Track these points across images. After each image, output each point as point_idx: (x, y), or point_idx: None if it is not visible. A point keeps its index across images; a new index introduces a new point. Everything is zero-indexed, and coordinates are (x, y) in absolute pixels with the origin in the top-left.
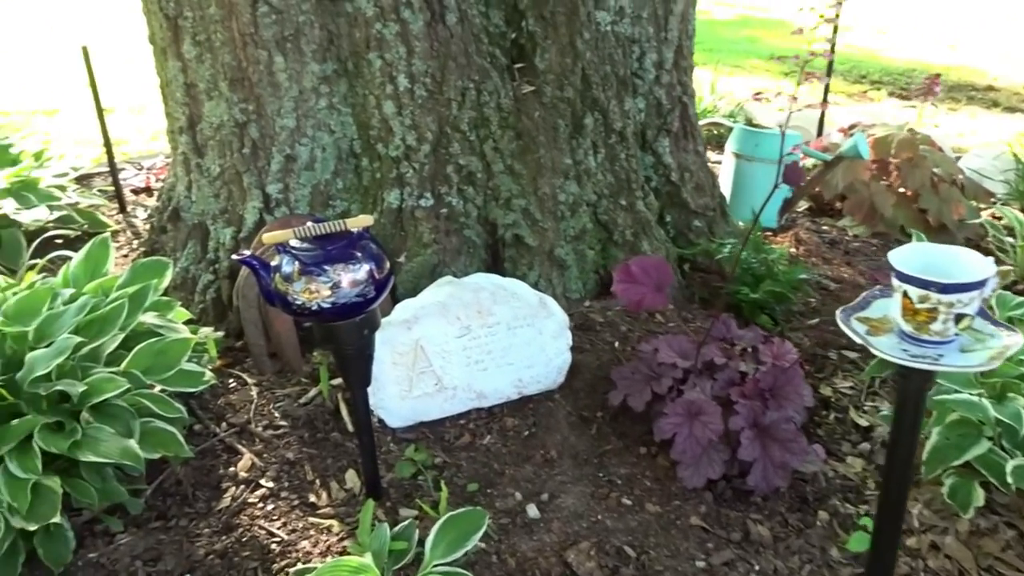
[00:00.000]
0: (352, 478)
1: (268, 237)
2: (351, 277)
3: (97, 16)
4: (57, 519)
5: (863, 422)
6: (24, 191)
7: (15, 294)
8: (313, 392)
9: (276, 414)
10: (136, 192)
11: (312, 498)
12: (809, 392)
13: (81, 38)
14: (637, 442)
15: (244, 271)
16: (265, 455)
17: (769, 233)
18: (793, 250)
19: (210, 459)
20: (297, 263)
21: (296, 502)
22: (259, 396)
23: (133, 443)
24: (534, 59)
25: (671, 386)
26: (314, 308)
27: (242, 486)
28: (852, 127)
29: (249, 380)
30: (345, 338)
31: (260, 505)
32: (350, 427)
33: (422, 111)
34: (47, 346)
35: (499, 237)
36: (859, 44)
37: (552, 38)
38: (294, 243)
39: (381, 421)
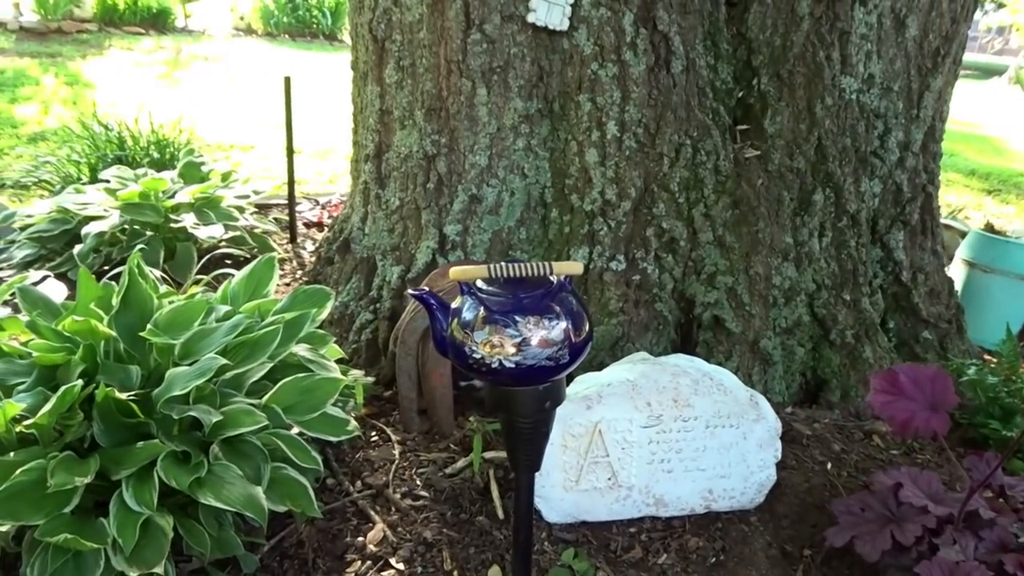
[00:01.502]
0: None
1: (457, 271)
2: (543, 335)
3: (305, 67)
4: (160, 569)
5: None
6: (206, 208)
7: (171, 303)
8: (462, 463)
9: (418, 481)
10: (308, 226)
11: None
12: None
13: (287, 78)
14: None
15: (408, 314)
16: (400, 528)
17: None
18: None
19: (339, 522)
20: (482, 309)
21: None
22: (401, 457)
23: (259, 492)
24: (763, 121)
25: (920, 536)
26: (494, 365)
27: (369, 562)
28: None
29: (393, 436)
30: (522, 408)
31: None
32: (500, 512)
33: (628, 164)
34: (191, 364)
35: (695, 316)
36: None
37: (787, 100)
38: (481, 284)
39: (537, 512)
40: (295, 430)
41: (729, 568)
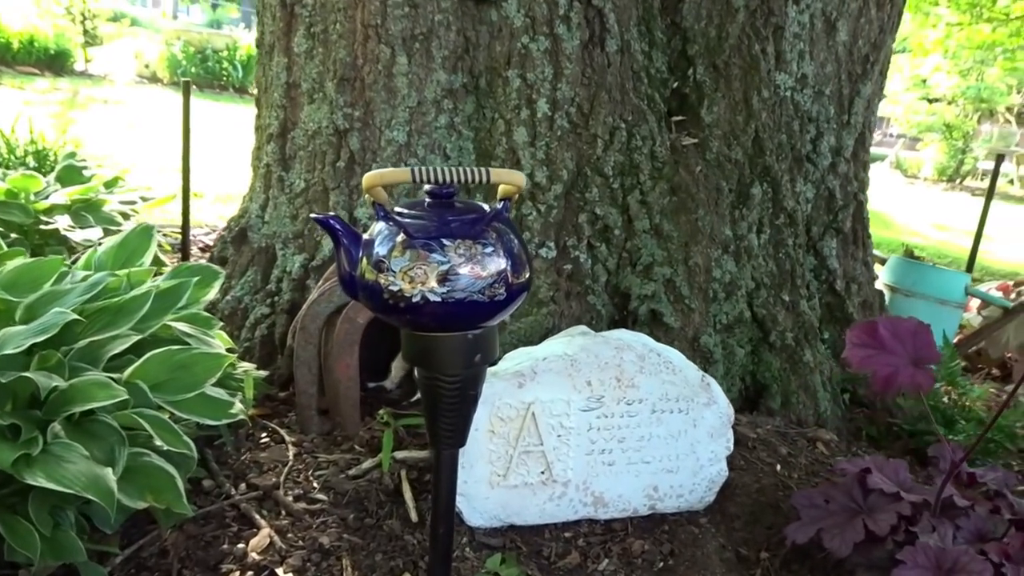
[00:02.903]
0: None
1: (372, 176)
2: (475, 268)
3: (212, 117)
4: None
5: None
6: (84, 211)
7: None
8: (368, 464)
9: (315, 483)
10: (203, 250)
11: None
12: None
13: (186, 82)
14: None
15: (309, 301)
16: (290, 534)
17: None
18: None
19: (215, 527)
20: (402, 234)
21: None
22: (296, 458)
23: (108, 472)
24: (700, 110)
25: (895, 526)
26: (415, 300)
27: (250, 573)
28: (1021, 284)
29: (288, 438)
30: (447, 361)
31: None
32: (413, 515)
33: (560, 145)
34: None
35: (631, 311)
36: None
37: (724, 91)
38: (401, 209)
39: (457, 515)
40: (166, 415)
41: (680, 573)
